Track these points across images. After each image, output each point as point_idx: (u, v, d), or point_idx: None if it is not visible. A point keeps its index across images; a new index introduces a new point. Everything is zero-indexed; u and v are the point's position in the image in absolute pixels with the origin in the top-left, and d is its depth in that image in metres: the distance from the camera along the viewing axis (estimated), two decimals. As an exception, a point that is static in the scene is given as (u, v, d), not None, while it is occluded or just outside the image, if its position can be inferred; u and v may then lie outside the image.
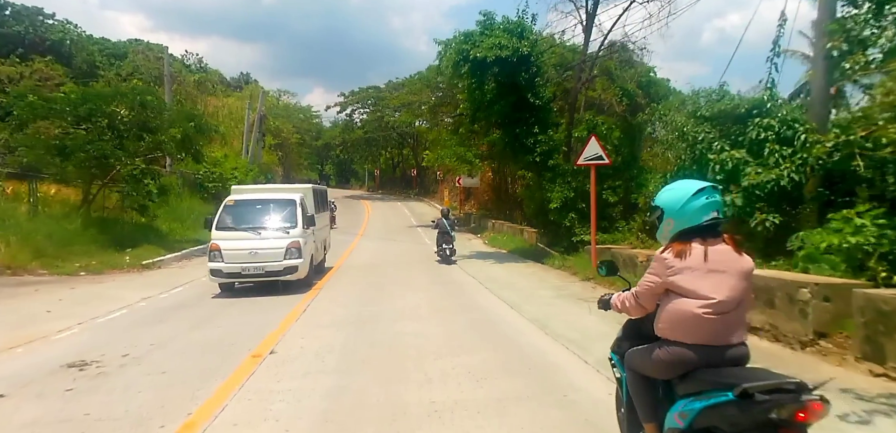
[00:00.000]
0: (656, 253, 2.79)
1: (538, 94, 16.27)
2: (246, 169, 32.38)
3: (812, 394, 2.22)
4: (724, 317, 2.56)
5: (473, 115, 18.00)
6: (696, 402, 2.49)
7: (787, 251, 9.21)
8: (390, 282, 12.54)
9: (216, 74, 51.09)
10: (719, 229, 2.71)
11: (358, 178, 71.03)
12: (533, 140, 16.00)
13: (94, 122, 17.26)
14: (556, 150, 16.22)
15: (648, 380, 2.86)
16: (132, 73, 40.79)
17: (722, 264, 2.60)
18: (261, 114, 35.82)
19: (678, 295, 2.63)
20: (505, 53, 15.19)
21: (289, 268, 10.82)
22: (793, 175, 9.56)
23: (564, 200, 15.30)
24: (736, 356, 2.60)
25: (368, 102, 49.77)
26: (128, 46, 45.81)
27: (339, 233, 25.39)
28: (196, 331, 8.04)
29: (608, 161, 12.18)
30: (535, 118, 16.34)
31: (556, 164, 16.15)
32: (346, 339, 7.30)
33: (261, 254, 10.66)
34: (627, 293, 2.98)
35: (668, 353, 2.66)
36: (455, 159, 27.13)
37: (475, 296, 10.89)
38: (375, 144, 56.67)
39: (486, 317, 8.73)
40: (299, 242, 11.01)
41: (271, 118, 40.74)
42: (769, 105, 10.96)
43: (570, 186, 15.63)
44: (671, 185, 2.85)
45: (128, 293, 11.40)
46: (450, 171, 36.81)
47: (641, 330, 2.99)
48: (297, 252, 10.94)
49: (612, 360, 3.34)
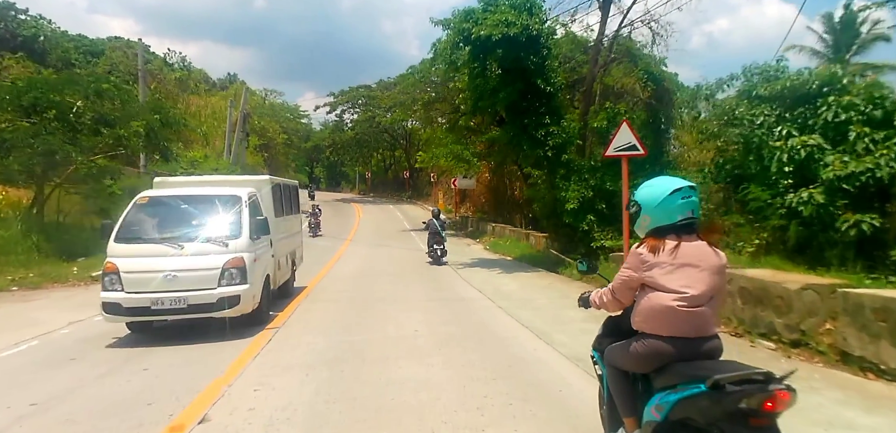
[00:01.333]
0: (632, 247, 2.79)
1: (549, 80, 14.09)
2: (227, 170, 29.93)
3: (780, 384, 2.26)
4: (697, 310, 2.59)
5: (475, 104, 15.78)
6: (671, 395, 2.52)
7: (889, 263, 7.09)
8: (380, 299, 10.28)
9: (200, 74, 48.58)
10: (694, 227, 2.72)
11: (349, 180, 68.46)
12: (544, 132, 13.80)
13: (41, 114, 14.87)
14: (569, 142, 14.02)
15: (627, 375, 2.88)
16: (109, 71, 38.20)
17: (695, 259, 2.64)
18: (244, 112, 33.36)
19: (653, 289, 2.66)
20: (512, 31, 13.00)
21: (226, 300, 7.06)
22: (893, 164, 7.42)
23: (581, 200, 13.11)
24: (710, 349, 2.63)
25: (359, 102, 47.44)
26: (105, 44, 43.27)
27: (326, 238, 23.06)
28: (106, 379, 5.73)
29: (644, 151, 10.01)
30: (546, 107, 14.15)
31: (570, 159, 13.96)
32: (315, 397, 5.03)
33: (183, 279, 6.93)
34: (605, 289, 2.99)
35: (644, 347, 2.69)
36: (451, 159, 24.88)
37: (487, 318, 8.66)
38: (367, 146, 54.21)
39: (510, 354, 6.49)
40: (243, 260, 7.24)
41: (256, 117, 38.28)
42: (845, 80, 8.84)
43: (586, 184, 13.45)
44: (651, 182, 2.82)
45: (56, 315, 9.08)
46: (445, 173, 34.56)
47: (621, 326, 3.01)
48: (239, 274, 7.17)
49: (594, 357, 3.33)
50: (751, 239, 8.78)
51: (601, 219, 13.25)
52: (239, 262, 7.25)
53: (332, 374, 5.66)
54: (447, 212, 37.62)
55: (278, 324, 7.98)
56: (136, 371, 5.95)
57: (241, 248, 7.39)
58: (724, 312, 6.91)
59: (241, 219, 7.63)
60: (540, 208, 16.00)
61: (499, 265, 15.57)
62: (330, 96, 46.66)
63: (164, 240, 7.29)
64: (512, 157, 22.04)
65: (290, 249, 10.41)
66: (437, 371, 5.72)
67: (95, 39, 44.37)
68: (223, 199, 7.95)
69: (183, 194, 8.24)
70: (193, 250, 7.23)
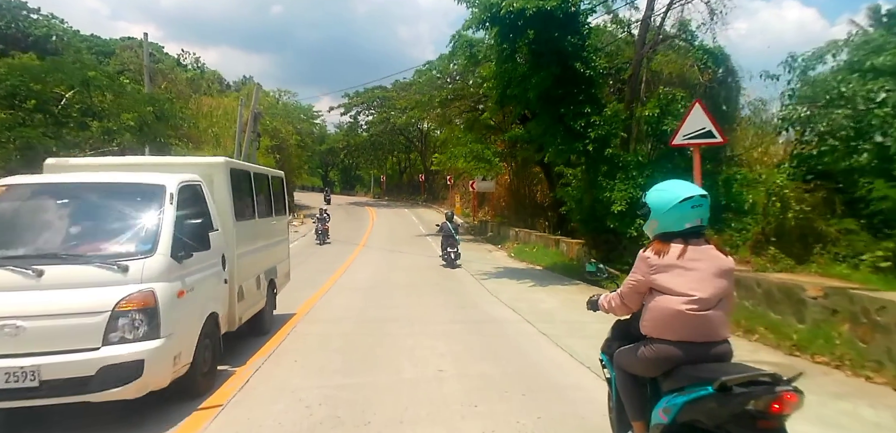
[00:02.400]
0: (640, 252, 2.74)
1: (589, 63, 12.10)
2: (236, 171, 28.33)
3: (787, 386, 2.23)
4: (705, 314, 2.54)
5: (502, 94, 13.78)
6: (679, 398, 2.47)
7: None
8: (393, 319, 8.36)
9: (214, 75, 47.32)
10: (702, 233, 2.69)
11: (363, 184, 66.82)
12: (583, 123, 11.78)
13: (21, 104, 13.28)
14: (613, 134, 11.97)
15: (635, 379, 2.84)
16: (120, 71, 37.03)
17: (701, 263, 2.60)
18: (255, 111, 31.73)
19: (661, 292, 2.61)
20: (548, 5, 11.04)
21: (116, 371, 3.98)
22: None
23: (630, 201, 11.06)
24: (719, 353, 2.58)
25: (374, 103, 45.71)
26: (118, 44, 42.19)
27: (336, 245, 21.24)
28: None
29: (723, 138, 7.97)
30: (586, 94, 12.13)
31: (614, 154, 11.90)
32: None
33: (33, 334, 3.89)
34: (614, 293, 2.95)
35: (652, 351, 2.64)
36: (471, 159, 22.90)
37: (530, 349, 6.69)
38: (381, 148, 52.47)
39: (578, 414, 4.53)
40: (154, 296, 4.22)
41: (269, 118, 36.66)
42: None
43: (635, 183, 11.40)
44: (662, 185, 2.78)
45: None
46: (462, 175, 32.66)
47: (629, 330, 2.96)
48: (145, 321, 4.13)
49: (603, 361, 3.29)
50: (873, 249, 6.69)
51: (652, 223, 11.18)
52: (145, 300, 4.13)
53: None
54: (465, 216, 35.68)
55: (231, 393, 4.95)
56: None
57: (152, 274, 4.28)
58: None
59: (158, 224, 4.57)
60: (575, 211, 13.94)
61: (528, 276, 13.56)
62: (344, 96, 45.03)
63: (6, 262, 4.13)
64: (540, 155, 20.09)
65: (266, 266, 7.32)
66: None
67: (108, 40, 43.40)
68: (132, 192, 4.90)
69: (65, 183, 5.05)
70: (59, 279, 4.08)
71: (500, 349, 6.63)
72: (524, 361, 6.12)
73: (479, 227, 28.21)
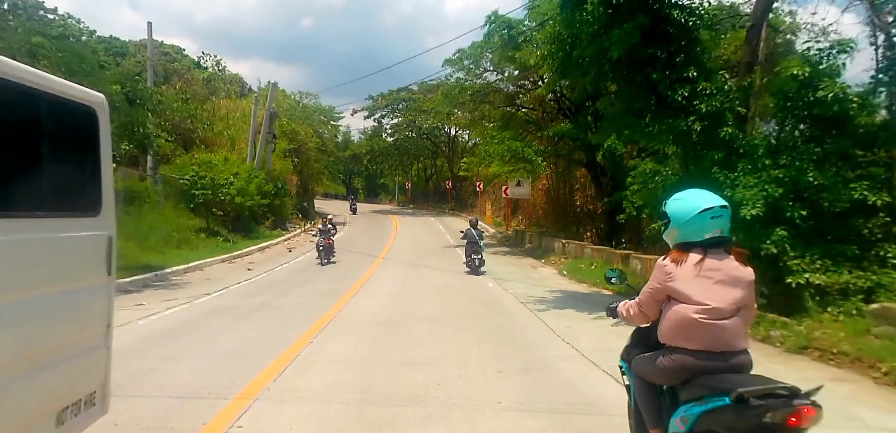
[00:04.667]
0: (658, 260, 2.70)
1: (693, 11, 8.43)
2: (249, 174, 25.40)
3: (805, 400, 2.19)
4: (721, 323, 2.48)
5: (565, 60, 10.01)
6: (696, 407, 2.44)
7: None
8: (415, 398, 4.81)
9: (235, 78, 44.87)
10: (723, 243, 2.59)
11: (388, 191, 63.65)
12: (686, 92, 8.08)
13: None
14: (728, 109, 8.23)
15: (653, 387, 2.80)
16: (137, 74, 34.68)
17: (719, 273, 2.54)
18: (270, 111, 28.84)
19: (678, 301, 2.57)
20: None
21: None
22: None
23: (766, 203, 7.29)
24: (737, 363, 2.51)
25: (399, 106, 42.54)
26: (134, 45, 40.12)
27: (352, 255, 17.88)
28: None
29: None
30: (687, 55, 8.44)
31: (732, 135, 8.13)
32: None
33: None
34: (633, 301, 2.88)
35: (670, 360, 2.60)
36: (508, 159, 19.30)
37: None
38: (406, 154, 49.15)
39: None
40: None
41: (287, 119, 33.75)
42: None
43: (768, 176, 7.62)
44: (682, 195, 2.69)
45: None
46: (493, 181, 29.07)
47: (649, 337, 2.90)
48: None
49: (622, 368, 3.23)
50: None
51: (797, 234, 7.39)
52: None
53: None
54: (496, 225, 32.05)
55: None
56: None
57: None
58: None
59: None
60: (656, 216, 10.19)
61: (599, 305, 9.84)
62: (368, 98, 41.94)
63: None
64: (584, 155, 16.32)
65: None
66: None
67: (128, 42, 41.27)
68: None
69: None
70: None
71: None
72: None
73: (515, 238, 24.50)
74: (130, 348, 6.37)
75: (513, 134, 19.99)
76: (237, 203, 22.81)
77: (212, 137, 30.24)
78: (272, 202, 27.48)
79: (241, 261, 17.38)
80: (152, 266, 13.62)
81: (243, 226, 24.02)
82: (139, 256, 14.72)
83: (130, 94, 11.77)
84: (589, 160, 20.75)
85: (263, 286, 12.21)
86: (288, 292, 11.23)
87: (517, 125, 22.23)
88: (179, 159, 24.38)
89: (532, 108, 23.41)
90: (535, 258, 18.50)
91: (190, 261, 15.09)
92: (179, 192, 21.57)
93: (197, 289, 11.64)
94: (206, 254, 17.10)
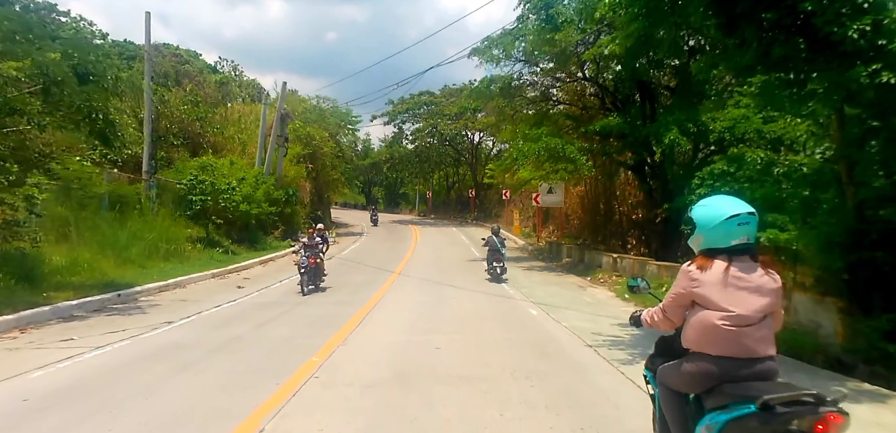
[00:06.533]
0: (682, 266, 2.64)
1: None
2: (256, 180, 22.96)
3: (832, 407, 2.14)
4: (745, 330, 2.44)
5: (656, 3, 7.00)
6: (722, 415, 2.41)
7: None
8: None
9: (253, 83, 42.98)
10: (750, 250, 2.56)
11: (408, 201, 60.96)
12: (867, 25, 5.07)
13: None
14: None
15: (678, 395, 2.74)
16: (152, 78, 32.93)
17: (744, 280, 2.50)
18: (282, 112, 26.49)
19: (702, 307, 2.53)
20: None
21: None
22: None
23: None
24: (763, 371, 2.46)
25: (420, 110, 39.93)
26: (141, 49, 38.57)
27: (366, 270, 15.16)
28: None
29: None
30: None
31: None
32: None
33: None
34: (657, 308, 2.84)
35: (694, 366, 2.57)
36: (545, 159, 16.34)
37: None
38: (427, 161, 46.35)
39: None
40: None
41: (301, 123, 31.34)
42: None
43: None
44: (707, 201, 2.68)
45: None
46: (524, 187, 26.11)
47: (673, 346, 2.84)
48: None
49: (646, 377, 3.16)
50: None
51: None
52: None
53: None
54: (526, 237, 29.03)
55: None
56: None
57: None
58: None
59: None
60: (800, 231, 7.00)
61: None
62: (388, 103, 39.42)
63: None
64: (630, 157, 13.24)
65: None
66: None
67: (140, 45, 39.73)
68: None
69: None
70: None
71: None
72: None
73: (549, 251, 21.43)
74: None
75: (550, 130, 17.04)
76: (242, 211, 20.33)
77: (222, 142, 28.01)
78: (282, 210, 25.00)
79: (235, 276, 14.80)
80: (118, 284, 11.07)
81: (249, 236, 21.58)
82: (110, 271, 12.23)
83: (80, 68, 9.20)
84: (637, 162, 17.70)
85: (246, 311, 9.53)
86: (272, 321, 8.52)
87: (552, 123, 19.28)
88: (180, 163, 22.09)
89: (569, 104, 20.45)
90: (579, 275, 15.42)
91: (170, 278, 12.55)
92: (177, 198, 19.20)
93: (161, 314, 9.02)
94: (195, 268, 14.58)
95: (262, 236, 22.66)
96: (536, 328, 8.07)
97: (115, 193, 16.31)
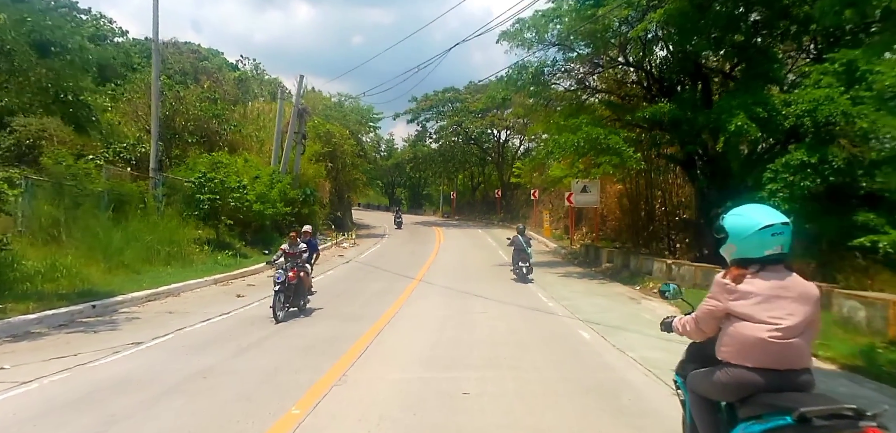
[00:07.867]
0: (716, 276, 2.54)
1: None
2: (271, 178, 21.53)
3: (871, 421, 2.05)
4: (790, 342, 2.35)
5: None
6: (756, 425, 2.31)
7: None
8: None
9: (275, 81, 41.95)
10: (783, 259, 2.47)
11: (432, 202, 59.22)
12: None
13: None
14: None
15: (710, 403, 2.66)
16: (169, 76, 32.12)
17: (783, 290, 2.41)
18: (299, 107, 25.11)
19: (740, 319, 2.42)
20: None
21: None
22: None
23: None
24: (800, 382, 2.37)
25: (444, 107, 38.20)
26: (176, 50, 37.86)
27: (385, 275, 13.44)
28: None
29: None
30: None
31: None
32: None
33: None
34: (688, 317, 2.74)
35: (729, 376, 2.45)
36: (586, 151, 14.34)
37: None
38: (452, 160, 44.50)
39: None
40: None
41: (320, 120, 29.96)
42: None
43: None
44: (740, 210, 2.55)
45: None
46: (555, 186, 24.06)
47: (705, 352, 2.73)
48: None
49: (676, 383, 3.06)
50: None
51: None
52: None
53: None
54: (558, 239, 26.98)
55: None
56: None
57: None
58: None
59: None
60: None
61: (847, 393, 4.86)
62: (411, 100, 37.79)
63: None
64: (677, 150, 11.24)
65: None
66: None
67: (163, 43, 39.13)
68: None
69: None
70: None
71: None
72: None
73: (586, 255, 19.34)
74: None
75: (590, 119, 15.04)
76: (255, 211, 18.90)
77: (239, 140, 26.79)
78: (300, 211, 23.54)
79: (239, 283, 13.27)
80: (98, 292, 9.59)
81: (264, 238, 20.16)
82: (96, 277, 10.79)
83: (38, 37, 7.67)
84: (688, 154, 15.53)
85: (232, 329, 7.88)
86: (257, 345, 6.85)
87: (588, 113, 17.27)
88: (191, 160, 20.83)
89: (609, 92, 18.37)
90: (625, 284, 13.36)
91: (163, 284, 11.06)
92: (186, 197, 17.85)
93: (134, 332, 7.47)
94: (197, 273, 13.10)
95: (277, 238, 21.21)
96: (596, 362, 6.17)
97: (114, 191, 14.98)
